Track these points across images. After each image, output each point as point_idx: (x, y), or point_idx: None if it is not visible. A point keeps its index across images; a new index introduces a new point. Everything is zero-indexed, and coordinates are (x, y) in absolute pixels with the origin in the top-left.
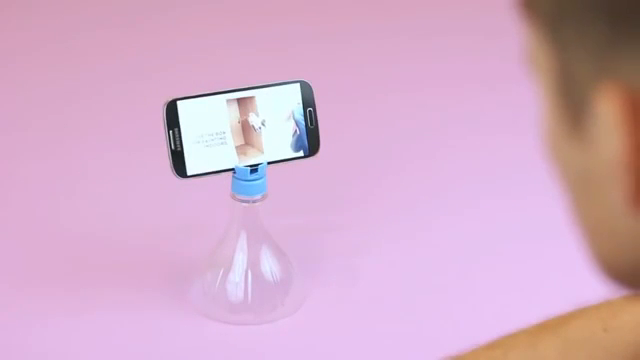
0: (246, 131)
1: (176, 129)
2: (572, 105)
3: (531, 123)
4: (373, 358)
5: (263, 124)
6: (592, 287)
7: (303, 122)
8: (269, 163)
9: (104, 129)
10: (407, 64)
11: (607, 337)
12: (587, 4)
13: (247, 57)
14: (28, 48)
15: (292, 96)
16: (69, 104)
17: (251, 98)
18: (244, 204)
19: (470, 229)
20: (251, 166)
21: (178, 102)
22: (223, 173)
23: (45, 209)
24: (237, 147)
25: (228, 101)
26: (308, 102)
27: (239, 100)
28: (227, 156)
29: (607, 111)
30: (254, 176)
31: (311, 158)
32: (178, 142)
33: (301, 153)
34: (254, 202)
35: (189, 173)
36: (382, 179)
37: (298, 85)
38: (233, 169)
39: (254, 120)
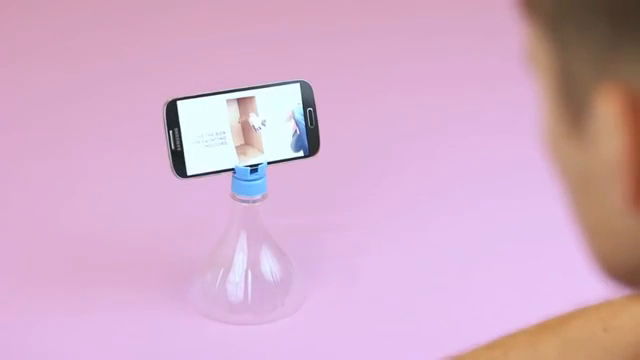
0: (246, 131)
1: (176, 129)
2: (572, 105)
3: (531, 123)
4: (373, 358)
5: (263, 124)
6: (592, 287)
7: (303, 122)
8: (269, 163)
9: (104, 129)
10: (407, 64)
11: (607, 337)
12: (588, 5)
13: (247, 57)
14: (28, 48)
15: (292, 96)
16: (69, 104)
17: (251, 98)
18: (244, 204)
19: (470, 229)
20: (251, 166)
21: (178, 102)
22: (223, 173)
23: (45, 209)
24: (237, 147)
25: (228, 101)
26: (308, 102)
27: (239, 100)
28: (227, 156)
29: (607, 111)
30: (254, 176)
31: (311, 158)
32: (178, 142)
33: (301, 153)
34: (254, 202)
35: (189, 173)
36: (382, 179)
37: (298, 85)
38: (233, 169)
39: (254, 120)
